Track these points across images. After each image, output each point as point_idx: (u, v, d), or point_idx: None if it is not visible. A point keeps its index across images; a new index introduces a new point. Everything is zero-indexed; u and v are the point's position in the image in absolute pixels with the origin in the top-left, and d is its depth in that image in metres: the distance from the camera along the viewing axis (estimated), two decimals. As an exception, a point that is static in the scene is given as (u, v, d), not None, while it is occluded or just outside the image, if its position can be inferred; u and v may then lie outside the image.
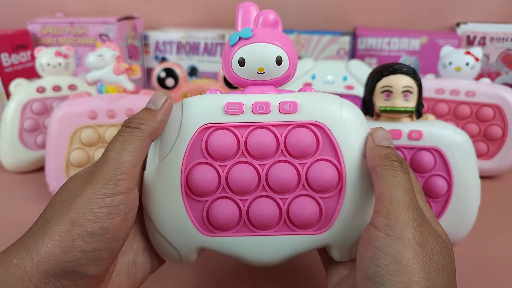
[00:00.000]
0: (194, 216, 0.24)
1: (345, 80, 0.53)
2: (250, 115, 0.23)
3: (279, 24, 0.24)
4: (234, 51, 0.24)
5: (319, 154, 0.23)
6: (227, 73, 0.25)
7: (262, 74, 0.24)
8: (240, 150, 0.23)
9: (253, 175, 0.23)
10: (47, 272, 0.18)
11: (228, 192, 0.24)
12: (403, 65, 0.32)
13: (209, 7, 0.75)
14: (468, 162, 0.32)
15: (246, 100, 0.23)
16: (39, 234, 0.19)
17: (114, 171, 0.20)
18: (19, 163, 0.50)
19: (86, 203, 0.19)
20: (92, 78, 0.42)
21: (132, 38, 0.69)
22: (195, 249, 0.24)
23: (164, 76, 0.54)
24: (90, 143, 0.40)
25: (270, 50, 0.23)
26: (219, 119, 0.23)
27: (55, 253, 0.18)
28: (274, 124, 0.23)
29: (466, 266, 0.33)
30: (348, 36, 0.64)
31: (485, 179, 0.39)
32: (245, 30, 0.23)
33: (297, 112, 0.23)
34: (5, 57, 0.58)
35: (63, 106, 0.40)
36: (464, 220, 0.33)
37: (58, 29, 0.66)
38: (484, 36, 0.63)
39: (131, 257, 0.24)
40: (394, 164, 0.21)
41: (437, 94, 0.48)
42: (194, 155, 0.23)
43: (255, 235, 0.24)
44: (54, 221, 0.19)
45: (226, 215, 0.23)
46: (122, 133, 0.21)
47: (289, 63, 0.24)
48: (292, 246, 0.24)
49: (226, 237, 0.24)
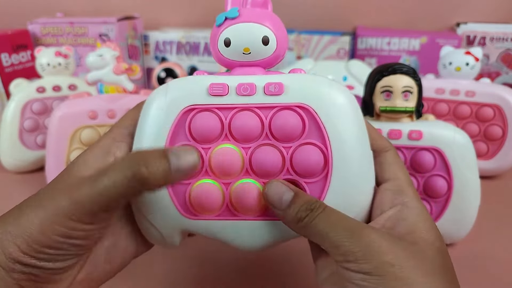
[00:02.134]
0: (177, 198, 0.23)
1: (345, 80, 0.53)
2: (235, 96, 0.23)
3: (268, 4, 0.24)
4: (220, 32, 0.23)
5: (305, 138, 0.23)
6: (215, 55, 0.24)
7: (248, 54, 0.23)
8: (224, 132, 0.23)
9: (236, 158, 0.23)
10: (14, 259, 0.18)
11: (211, 175, 0.23)
12: (403, 65, 0.32)
13: (209, 7, 0.75)
14: (468, 162, 0.32)
15: (231, 81, 0.23)
16: (8, 220, 0.19)
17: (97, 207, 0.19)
18: (19, 163, 0.50)
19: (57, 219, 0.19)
20: (92, 78, 0.42)
21: (132, 38, 0.70)
22: (178, 232, 0.24)
23: (164, 76, 0.54)
24: (90, 143, 0.40)
25: (256, 30, 0.23)
26: (203, 101, 0.23)
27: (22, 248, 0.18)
28: (258, 106, 0.23)
29: (466, 266, 0.33)
30: (348, 36, 0.65)
31: (485, 179, 0.39)
32: (232, 10, 0.23)
33: (283, 94, 0.23)
34: (5, 57, 0.59)
35: (63, 106, 0.40)
36: (464, 220, 0.33)
37: (58, 29, 0.66)
38: (484, 36, 0.63)
39: (111, 241, 0.23)
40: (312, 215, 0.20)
41: (437, 94, 0.48)
42: (177, 137, 0.23)
43: (238, 219, 0.23)
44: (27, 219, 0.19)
45: (209, 198, 0.23)
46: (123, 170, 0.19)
47: (277, 44, 0.23)
48: (275, 232, 0.23)
49: (208, 221, 0.23)
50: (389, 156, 0.24)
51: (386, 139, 0.25)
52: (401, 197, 0.22)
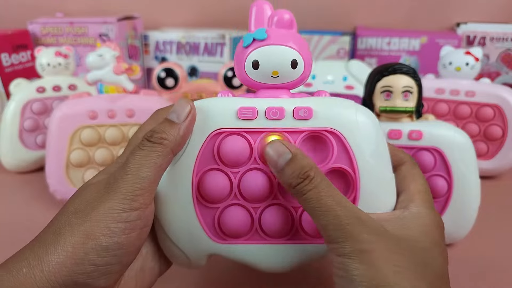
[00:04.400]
0: (205, 223, 0.23)
1: (345, 80, 0.53)
2: (264, 120, 0.23)
3: (294, 25, 0.24)
4: (247, 53, 0.23)
5: (333, 162, 0.23)
6: (239, 75, 0.24)
7: (277, 77, 0.23)
8: (253, 156, 0.23)
9: (265, 182, 0.23)
10: (57, 283, 0.17)
11: (240, 199, 0.23)
12: (403, 65, 0.32)
13: (209, 7, 0.75)
14: (468, 162, 0.32)
15: (260, 105, 0.23)
16: (51, 243, 0.18)
17: (132, 186, 0.19)
18: (19, 163, 0.50)
19: (102, 217, 0.19)
20: (92, 78, 0.42)
21: (132, 38, 0.70)
22: (205, 256, 0.24)
23: (164, 76, 0.54)
24: (90, 143, 0.40)
25: (285, 53, 0.22)
26: (232, 124, 0.23)
27: (67, 264, 0.18)
28: (287, 130, 0.23)
29: (466, 266, 0.33)
30: (348, 36, 0.65)
31: (485, 179, 0.39)
32: (259, 31, 0.22)
33: (311, 119, 0.23)
34: (5, 57, 0.58)
35: (63, 106, 0.40)
36: (464, 220, 0.33)
37: (58, 29, 0.66)
38: (484, 36, 0.63)
39: (140, 263, 0.23)
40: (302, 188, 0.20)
41: (437, 94, 0.48)
42: (205, 160, 0.23)
43: (267, 243, 0.23)
44: (67, 232, 0.18)
45: (238, 222, 0.23)
46: (143, 147, 0.20)
47: (304, 66, 0.23)
48: (303, 254, 0.24)
49: (237, 245, 0.23)
50: (404, 169, 0.25)
51: (402, 151, 0.25)
52: (405, 203, 0.23)
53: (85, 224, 0.19)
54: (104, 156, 0.40)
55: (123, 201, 0.19)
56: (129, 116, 0.40)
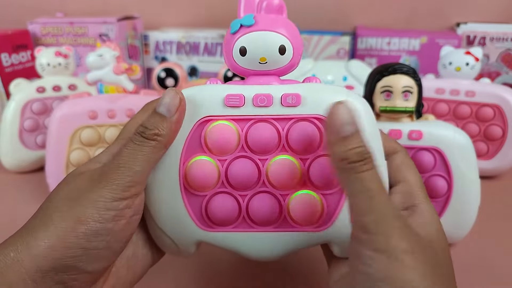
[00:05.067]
0: (193, 210, 0.23)
1: (345, 80, 0.53)
2: (251, 107, 0.22)
3: (283, 10, 0.23)
4: (235, 40, 0.22)
5: (322, 150, 0.23)
6: (228, 62, 0.24)
7: (265, 64, 0.23)
8: (240, 144, 0.23)
9: (253, 170, 0.23)
10: (46, 267, 0.18)
11: (227, 187, 0.23)
12: (403, 65, 0.32)
13: (209, 7, 0.75)
14: (468, 162, 0.32)
15: (247, 92, 0.22)
16: (40, 228, 0.19)
17: (125, 178, 0.20)
18: (19, 163, 0.50)
19: (93, 204, 0.19)
20: (92, 78, 0.42)
21: (132, 38, 0.70)
22: (194, 243, 0.24)
23: (164, 76, 0.54)
24: (90, 143, 0.40)
25: (273, 39, 0.22)
26: (219, 112, 0.23)
27: (57, 248, 0.18)
28: (275, 117, 0.23)
29: (466, 266, 0.33)
30: (348, 36, 0.65)
31: (485, 179, 0.39)
32: (247, 17, 0.22)
33: (300, 105, 0.22)
34: (5, 57, 0.58)
35: (63, 106, 0.40)
36: (464, 220, 0.33)
37: (58, 29, 0.66)
38: (484, 36, 0.63)
39: (131, 251, 0.24)
40: (356, 166, 0.19)
41: (437, 94, 0.48)
42: (193, 148, 0.23)
43: (255, 231, 0.23)
44: (58, 217, 0.19)
45: (225, 210, 0.23)
46: (136, 141, 0.21)
47: (293, 52, 0.23)
48: (292, 242, 0.23)
49: (225, 232, 0.23)
50: (398, 158, 0.24)
51: (394, 141, 0.25)
52: (411, 199, 0.22)
53: (76, 209, 0.19)
54: (104, 156, 0.40)
55: (115, 191, 0.20)
56: (129, 116, 0.40)
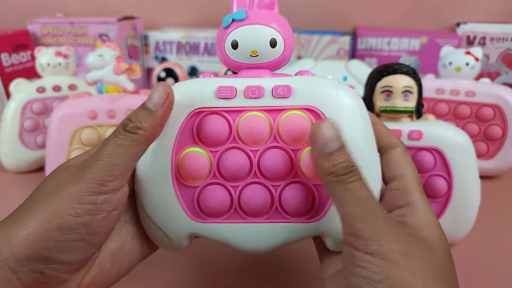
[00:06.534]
0: (185, 202, 0.23)
1: (345, 80, 0.53)
2: (243, 99, 0.23)
3: (275, 5, 0.24)
4: (227, 34, 0.23)
5: None
6: (221, 57, 0.24)
7: (256, 57, 0.23)
8: (232, 135, 0.23)
9: (245, 161, 0.23)
10: (21, 256, 0.18)
11: (219, 178, 0.23)
12: (403, 65, 0.32)
13: (209, 7, 0.75)
14: (468, 162, 0.32)
15: (239, 84, 0.23)
16: (19, 219, 0.19)
17: (103, 172, 0.20)
18: (19, 163, 0.50)
19: (69, 197, 0.19)
20: (92, 78, 0.42)
21: (132, 38, 0.70)
22: (186, 235, 0.24)
23: (164, 76, 0.54)
24: (90, 143, 0.40)
25: (263, 32, 0.22)
26: (211, 104, 0.23)
27: (31, 239, 0.18)
28: (267, 109, 0.23)
29: (466, 266, 0.33)
30: (348, 36, 0.65)
31: (485, 179, 0.39)
32: (239, 12, 0.23)
33: (291, 97, 0.22)
34: (5, 57, 0.59)
35: (63, 106, 0.40)
36: (464, 220, 0.33)
37: (58, 29, 0.66)
38: (484, 36, 0.63)
39: (117, 244, 0.23)
40: (344, 178, 0.19)
41: (437, 94, 0.48)
42: (185, 140, 0.23)
43: (247, 222, 0.23)
44: (35, 209, 0.19)
45: (217, 201, 0.23)
46: (118, 135, 0.21)
47: (284, 46, 0.23)
48: (284, 234, 0.23)
49: (217, 224, 0.23)
50: (396, 153, 0.24)
51: (394, 136, 0.25)
52: (408, 197, 0.22)
53: (52, 203, 0.19)
54: (104, 156, 0.40)
55: (91, 185, 0.19)
56: (129, 116, 0.40)
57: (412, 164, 0.24)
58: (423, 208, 0.22)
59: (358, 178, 0.19)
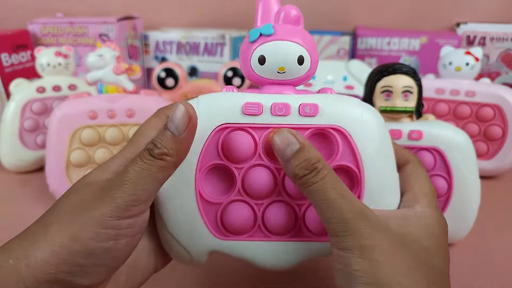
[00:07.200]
0: (208, 219, 0.23)
1: (345, 80, 0.53)
2: (269, 116, 0.22)
3: (301, 21, 0.24)
4: (254, 48, 0.22)
5: (338, 160, 0.23)
6: (245, 70, 0.24)
7: (283, 73, 0.23)
8: (257, 152, 0.23)
9: (269, 179, 0.23)
10: (41, 279, 0.18)
11: (243, 195, 0.23)
12: (403, 65, 0.32)
13: (209, 7, 0.75)
14: (468, 162, 0.32)
15: (265, 101, 0.22)
16: (39, 239, 0.18)
17: (129, 197, 0.19)
18: (19, 163, 0.50)
19: (92, 221, 0.19)
20: (92, 78, 0.42)
21: (132, 38, 0.70)
22: (207, 252, 0.24)
23: (164, 76, 0.54)
24: (90, 143, 0.40)
25: (292, 49, 0.22)
26: (237, 120, 0.22)
27: (52, 262, 0.18)
28: (293, 126, 0.22)
29: (466, 266, 0.33)
30: (348, 36, 0.65)
31: (485, 179, 0.39)
32: (266, 26, 0.22)
33: (317, 115, 0.22)
34: (5, 57, 0.58)
35: (63, 106, 0.40)
36: (464, 220, 0.33)
37: (58, 29, 0.66)
38: (484, 36, 0.63)
39: (133, 260, 0.23)
40: (307, 180, 0.20)
41: (437, 94, 0.48)
42: (209, 156, 0.23)
43: (270, 240, 0.23)
44: (56, 230, 0.18)
45: (241, 218, 0.23)
46: (144, 159, 0.20)
47: (311, 63, 0.23)
48: (306, 252, 0.23)
49: (239, 241, 0.23)
50: (408, 168, 0.24)
51: (406, 152, 0.25)
52: (410, 203, 0.23)
53: (74, 225, 0.18)
54: (104, 156, 0.40)
55: (116, 210, 0.19)
56: (129, 116, 0.40)
57: (425, 177, 0.24)
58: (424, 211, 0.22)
59: (321, 177, 0.20)
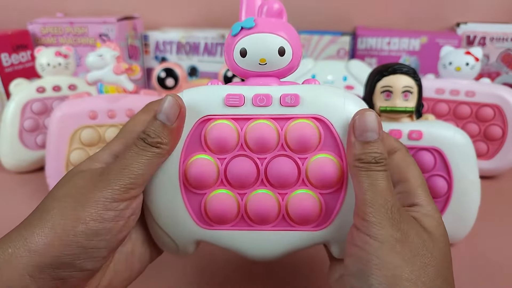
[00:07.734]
0: (192, 209, 0.23)
1: (345, 80, 0.53)
2: (251, 107, 0.23)
3: (283, 14, 0.24)
4: (235, 41, 0.23)
5: (320, 149, 0.23)
6: (229, 64, 0.24)
7: (264, 65, 0.23)
8: (240, 143, 0.23)
9: (252, 168, 0.23)
10: (43, 263, 0.18)
11: (226, 185, 0.23)
12: (403, 65, 0.32)
13: (209, 7, 0.75)
14: (468, 162, 0.32)
15: (247, 92, 0.23)
16: (38, 225, 0.19)
17: (128, 180, 0.20)
18: (19, 163, 0.50)
19: (94, 204, 0.20)
20: (92, 78, 0.42)
21: (132, 38, 0.70)
22: (193, 242, 0.24)
23: (164, 76, 0.54)
24: (90, 143, 0.40)
25: (272, 41, 0.23)
26: (219, 111, 0.23)
27: (55, 245, 0.18)
28: (274, 117, 0.23)
29: (466, 266, 0.33)
30: (348, 36, 0.65)
31: (485, 179, 0.39)
32: (248, 20, 0.23)
33: (298, 105, 0.23)
34: (5, 57, 0.58)
35: (63, 106, 0.40)
36: (464, 220, 0.33)
37: (58, 29, 0.66)
38: (484, 36, 0.63)
39: (130, 248, 0.24)
40: (369, 166, 0.20)
41: (437, 94, 0.48)
42: (192, 147, 0.23)
43: (253, 230, 0.24)
44: (56, 214, 0.19)
45: (224, 208, 0.23)
46: (140, 146, 0.21)
47: (293, 54, 0.23)
48: (290, 242, 0.24)
49: (223, 231, 0.24)
50: (397, 157, 0.24)
51: (394, 139, 0.25)
52: (413, 199, 0.23)
53: (76, 208, 0.19)
54: (104, 156, 0.40)
55: (116, 192, 0.20)
56: (129, 116, 0.40)
57: (414, 164, 0.24)
58: (428, 207, 0.22)
59: (382, 169, 0.20)
